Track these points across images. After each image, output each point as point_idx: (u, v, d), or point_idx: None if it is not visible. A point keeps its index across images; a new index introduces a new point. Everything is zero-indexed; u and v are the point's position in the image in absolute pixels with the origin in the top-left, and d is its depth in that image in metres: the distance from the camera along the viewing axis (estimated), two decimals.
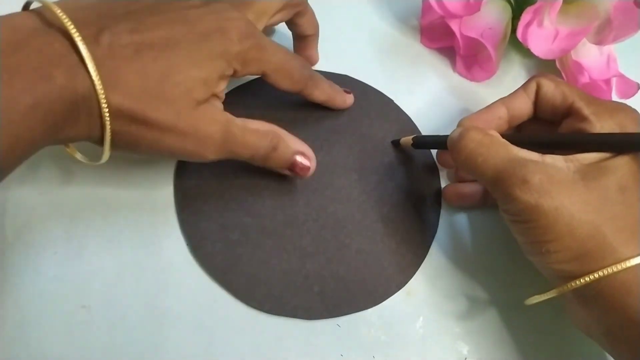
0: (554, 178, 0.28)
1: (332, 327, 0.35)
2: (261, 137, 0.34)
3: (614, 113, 0.31)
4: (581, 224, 0.28)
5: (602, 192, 0.28)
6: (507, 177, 0.29)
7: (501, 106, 0.34)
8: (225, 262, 0.36)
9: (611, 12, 0.38)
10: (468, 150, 0.31)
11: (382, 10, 0.46)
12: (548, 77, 0.34)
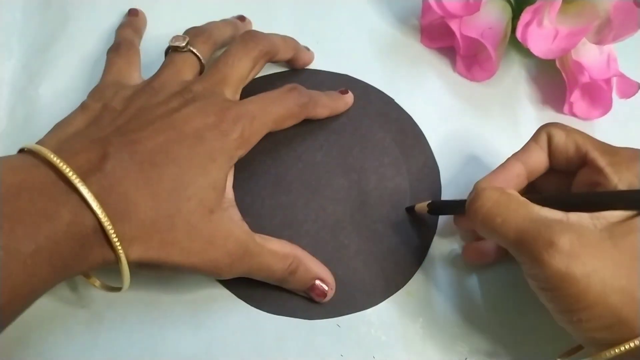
0: (583, 239, 0.26)
1: (332, 327, 0.35)
2: (280, 260, 0.33)
3: (630, 163, 0.29)
4: (614, 291, 0.25)
5: (632, 252, 0.26)
6: (532, 239, 0.27)
7: (517, 162, 0.32)
8: None
9: (611, 11, 0.38)
10: (485, 210, 0.29)
11: (382, 10, 0.46)
12: (558, 125, 0.32)
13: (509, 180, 0.32)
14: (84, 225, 0.26)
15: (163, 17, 0.44)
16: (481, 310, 0.36)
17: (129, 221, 0.27)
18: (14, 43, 0.42)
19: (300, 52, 0.41)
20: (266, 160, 0.39)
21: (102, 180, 0.27)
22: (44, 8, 0.44)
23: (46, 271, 0.25)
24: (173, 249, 0.29)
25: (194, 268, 0.30)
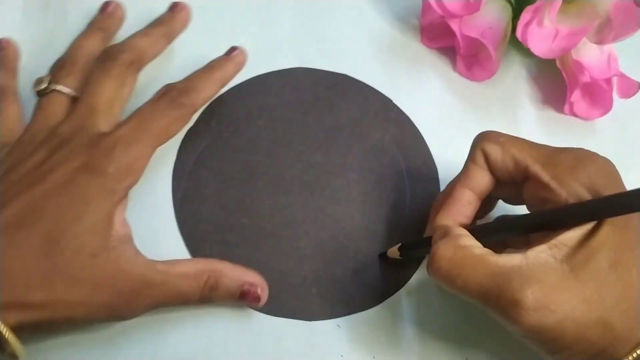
0: (546, 286, 0.25)
1: (332, 327, 0.35)
2: (192, 280, 0.31)
3: (575, 172, 0.28)
4: (588, 327, 0.25)
5: (596, 280, 0.25)
6: (496, 299, 0.26)
7: (464, 190, 0.31)
8: None
9: (611, 11, 0.38)
10: (443, 273, 0.27)
11: (382, 10, 0.46)
12: (492, 139, 0.30)
13: (462, 211, 0.31)
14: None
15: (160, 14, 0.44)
16: (482, 310, 0.36)
17: (8, 299, 0.27)
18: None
19: (172, 33, 0.39)
20: (265, 160, 0.39)
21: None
22: (43, 8, 0.44)
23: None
24: (55, 306, 0.28)
25: (87, 318, 0.29)
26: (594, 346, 0.26)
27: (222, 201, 0.38)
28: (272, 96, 0.41)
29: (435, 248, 0.28)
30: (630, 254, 0.26)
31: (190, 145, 0.39)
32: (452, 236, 0.28)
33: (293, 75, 0.42)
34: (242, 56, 0.38)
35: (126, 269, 0.30)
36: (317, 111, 0.41)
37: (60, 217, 0.29)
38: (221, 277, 0.32)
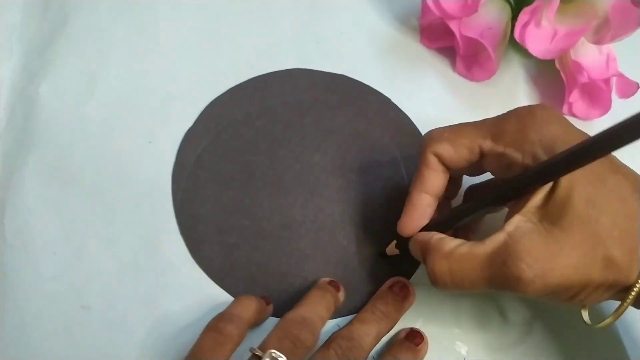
0: (535, 250, 0.26)
1: (332, 327, 0.35)
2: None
3: (522, 133, 0.28)
4: (591, 267, 0.26)
5: (579, 223, 0.26)
6: (501, 283, 0.27)
7: (421, 195, 0.32)
8: (223, 266, 0.36)
9: (609, 11, 0.38)
10: (450, 286, 0.28)
11: (382, 10, 0.46)
12: (438, 138, 0.31)
13: (423, 216, 0.32)
14: None
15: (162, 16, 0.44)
16: (481, 310, 0.36)
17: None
18: (13, 43, 0.43)
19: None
20: (264, 161, 0.39)
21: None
22: (43, 8, 0.44)
23: None
24: None
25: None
26: (603, 282, 0.26)
27: (222, 202, 0.38)
28: (271, 97, 0.41)
29: (430, 268, 0.29)
30: (602, 185, 0.27)
31: (189, 146, 0.39)
32: (435, 249, 0.29)
33: (291, 76, 0.42)
34: (425, 348, 0.35)
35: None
36: (315, 112, 0.41)
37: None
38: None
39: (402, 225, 0.32)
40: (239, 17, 0.44)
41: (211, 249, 0.37)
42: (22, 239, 0.36)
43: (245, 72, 0.42)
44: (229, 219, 0.37)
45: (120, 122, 0.40)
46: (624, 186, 0.27)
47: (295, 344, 0.29)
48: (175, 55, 0.42)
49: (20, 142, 0.39)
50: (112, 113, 0.40)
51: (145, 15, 0.44)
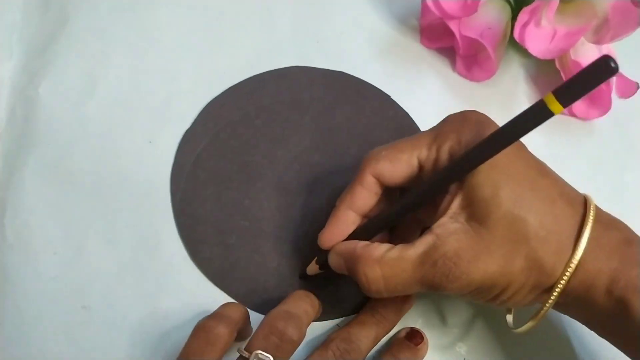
0: (461, 249, 0.27)
1: (332, 327, 0.35)
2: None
3: (459, 133, 0.29)
4: (514, 267, 0.27)
5: (504, 221, 0.27)
6: (431, 283, 0.28)
7: (347, 211, 0.32)
8: (222, 267, 0.36)
9: (609, 11, 0.38)
10: (384, 292, 0.29)
11: (382, 10, 0.46)
12: (377, 158, 0.31)
13: (345, 231, 0.32)
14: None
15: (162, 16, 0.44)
16: (480, 310, 0.36)
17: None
18: (13, 43, 0.43)
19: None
20: (263, 161, 0.39)
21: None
22: (43, 8, 0.44)
23: None
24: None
25: None
26: (525, 282, 0.27)
27: (221, 203, 0.38)
28: (269, 96, 0.41)
29: (362, 275, 0.29)
30: (530, 186, 0.27)
31: (188, 146, 0.39)
32: (364, 256, 0.29)
33: (290, 74, 0.42)
34: (425, 348, 0.35)
35: None
36: (314, 110, 0.41)
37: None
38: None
39: (323, 238, 0.32)
40: (238, 17, 0.44)
41: (210, 249, 0.37)
42: (22, 239, 0.36)
43: (245, 72, 0.42)
44: (228, 219, 0.37)
45: (119, 122, 0.40)
46: (553, 189, 0.28)
47: (282, 339, 0.29)
48: (175, 55, 0.42)
49: (20, 142, 0.39)
50: (112, 113, 0.40)
51: (145, 15, 0.44)
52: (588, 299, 0.27)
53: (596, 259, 0.27)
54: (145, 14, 0.44)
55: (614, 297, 0.26)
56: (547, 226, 0.27)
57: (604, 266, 0.27)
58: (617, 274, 0.26)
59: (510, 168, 0.28)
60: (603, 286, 0.27)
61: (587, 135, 0.42)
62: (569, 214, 0.27)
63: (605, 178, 0.40)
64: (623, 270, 0.26)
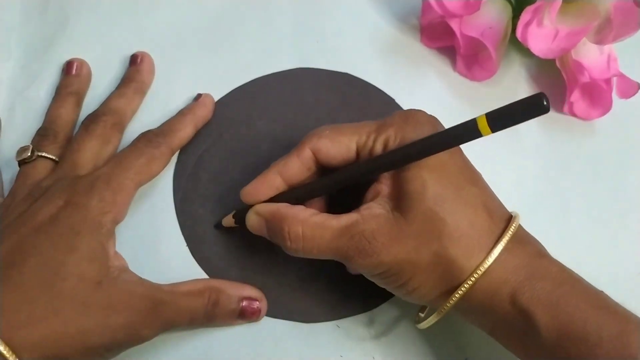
0: (379, 233, 0.28)
1: (332, 327, 0.35)
2: (197, 297, 0.33)
3: (403, 129, 0.30)
4: (423, 258, 0.28)
5: (424, 217, 0.28)
6: (344, 252, 0.29)
7: (275, 175, 0.33)
8: (222, 266, 0.36)
9: (611, 11, 0.38)
10: (301, 249, 0.30)
11: (382, 9, 0.46)
12: (322, 135, 0.32)
13: (267, 194, 0.33)
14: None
15: (162, 17, 0.44)
16: None
17: (8, 327, 0.27)
18: (12, 44, 0.42)
19: (143, 86, 0.41)
20: (266, 162, 0.38)
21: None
22: (42, 10, 0.44)
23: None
24: (69, 333, 0.28)
25: (104, 343, 0.29)
26: (433, 275, 0.29)
27: (222, 203, 0.38)
28: (273, 98, 0.41)
29: (286, 232, 0.30)
30: (456, 191, 0.29)
31: (191, 146, 0.39)
32: (290, 215, 0.30)
33: (294, 76, 0.42)
34: (209, 99, 0.40)
35: (137, 290, 0.30)
36: (318, 112, 0.41)
37: (53, 251, 0.29)
38: (221, 292, 0.33)
39: (245, 192, 0.33)
40: (238, 18, 0.44)
41: (211, 248, 0.37)
42: None
43: (245, 71, 0.42)
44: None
45: None
46: (478, 198, 0.29)
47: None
48: (174, 57, 0.42)
49: (18, 143, 0.38)
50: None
51: (145, 17, 0.44)
52: (492, 307, 0.28)
53: (505, 270, 0.28)
54: (145, 15, 0.44)
55: (518, 307, 0.27)
56: (462, 229, 0.28)
57: (510, 277, 0.28)
58: (522, 286, 0.27)
59: (441, 170, 0.29)
60: (507, 295, 0.28)
61: (588, 135, 0.42)
62: (487, 224, 0.29)
63: (605, 178, 0.40)
64: (529, 283, 0.27)
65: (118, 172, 0.33)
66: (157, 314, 0.31)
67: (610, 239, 0.39)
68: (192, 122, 0.38)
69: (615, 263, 0.38)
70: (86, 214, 0.30)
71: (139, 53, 0.41)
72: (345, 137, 0.31)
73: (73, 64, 0.41)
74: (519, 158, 0.41)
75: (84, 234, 0.30)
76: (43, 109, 0.40)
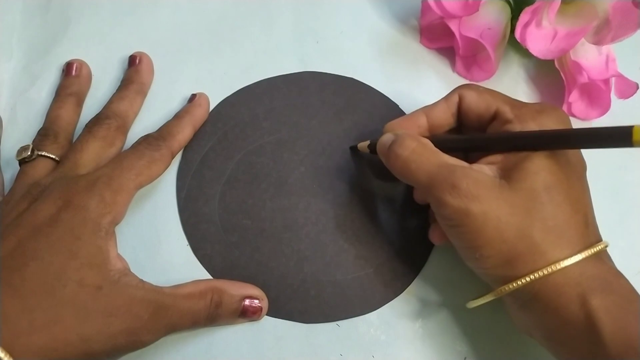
0: (480, 183, 0.29)
1: (332, 326, 0.35)
2: (198, 299, 0.33)
3: (537, 115, 0.31)
4: (509, 227, 0.28)
5: (528, 193, 0.29)
6: (438, 183, 0.30)
7: (422, 115, 0.34)
8: (224, 264, 0.36)
9: (610, 12, 0.38)
10: (403, 158, 0.31)
11: (382, 10, 0.46)
12: (471, 87, 0.34)
13: (410, 129, 0.34)
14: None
15: (163, 18, 0.44)
16: (480, 310, 0.36)
17: (9, 335, 0.27)
18: (13, 44, 0.43)
19: (144, 87, 0.41)
20: (269, 163, 0.39)
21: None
22: (43, 10, 0.44)
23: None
24: (69, 341, 0.28)
25: (106, 349, 0.29)
26: (511, 249, 0.28)
27: (225, 202, 0.38)
28: (279, 99, 0.41)
29: (402, 138, 0.32)
30: (567, 187, 0.29)
31: (196, 145, 0.39)
32: (414, 135, 0.32)
33: (300, 79, 0.42)
34: (204, 99, 0.40)
35: (137, 295, 0.30)
36: (323, 115, 0.41)
37: (54, 255, 0.29)
38: (223, 293, 0.33)
39: (390, 124, 0.35)
40: (238, 19, 0.44)
41: (212, 247, 0.37)
42: None
43: (245, 72, 0.42)
44: (231, 218, 0.37)
45: None
46: (582, 204, 0.30)
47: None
48: (175, 58, 0.42)
49: (19, 144, 0.38)
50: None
51: (147, 18, 0.44)
52: (558, 306, 0.28)
53: (580, 274, 0.28)
54: (146, 16, 0.44)
55: (585, 311, 0.27)
56: (557, 221, 0.28)
57: (584, 281, 0.27)
58: (594, 292, 0.27)
59: (563, 165, 0.30)
60: (577, 297, 0.27)
61: None
62: (582, 229, 0.29)
63: (605, 178, 0.40)
64: (601, 292, 0.27)
65: (119, 172, 0.32)
66: (159, 319, 0.31)
67: (609, 239, 0.39)
68: (190, 123, 0.38)
69: (615, 263, 0.38)
70: (85, 216, 0.30)
71: (137, 54, 0.41)
72: (490, 98, 0.33)
73: (73, 65, 0.41)
74: None
75: (84, 238, 0.30)
76: (44, 110, 0.40)
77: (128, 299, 0.30)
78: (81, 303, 0.28)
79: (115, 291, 0.30)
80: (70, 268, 0.29)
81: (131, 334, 0.30)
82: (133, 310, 0.30)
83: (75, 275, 0.29)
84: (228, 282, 0.35)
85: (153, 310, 0.30)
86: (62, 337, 0.28)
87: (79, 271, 0.29)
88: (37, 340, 0.27)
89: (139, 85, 0.40)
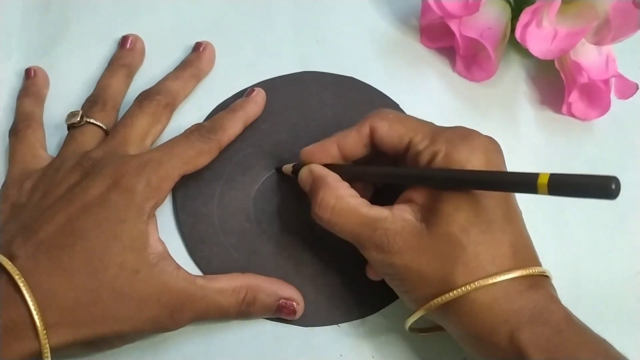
0: (400, 236, 0.29)
1: (332, 327, 0.35)
2: (230, 296, 0.33)
3: (450, 147, 0.30)
4: (432, 275, 0.29)
5: (446, 238, 0.29)
6: (362, 242, 0.31)
7: (333, 144, 0.34)
8: (221, 266, 0.36)
9: (610, 12, 0.38)
10: (326, 220, 0.32)
11: (382, 10, 0.46)
12: (383, 116, 0.33)
13: (324, 157, 0.34)
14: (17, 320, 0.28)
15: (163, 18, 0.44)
16: None
17: (49, 309, 0.28)
18: (13, 44, 0.43)
19: (200, 74, 0.41)
20: (267, 165, 0.39)
21: (26, 265, 0.29)
22: (43, 11, 0.44)
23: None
24: (104, 321, 0.30)
25: (135, 331, 0.31)
26: (436, 292, 0.29)
27: (224, 203, 0.38)
28: (278, 101, 0.41)
29: (320, 198, 0.32)
30: (486, 225, 0.29)
31: None
32: (332, 186, 0.32)
33: (299, 80, 0.42)
34: (260, 96, 0.40)
35: (169, 283, 0.31)
36: (322, 116, 0.40)
37: (99, 236, 0.30)
38: (258, 292, 0.34)
39: (305, 151, 0.35)
40: (238, 19, 0.44)
41: (210, 249, 0.37)
42: None
43: (245, 72, 0.42)
44: (229, 220, 0.37)
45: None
46: (507, 235, 0.29)
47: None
48: (175, 58, 0.42)
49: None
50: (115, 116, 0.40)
51: (147, 18, 0.44)
52: (490, 341, 0.28)
53: (509, 309, 0.27)
54: (146, 17, 0.44)
55: (515, 347, 0.27)
56: (480, 261, 0.28)
57: (512, 317, 0.27)
58: (523, 327, 0.27)
59: (479, 200, 0.29)
60: (506, 334, 0.27)
61: (587, 135, 0.42)
62: (508, 263, 0.28)
63: None
64: (530, 325, 0.27)
65: (168, 159, 0.33)
66: (185, 309, 0.31)
67: (608, 239, 0.39)
68: (243, 119, 0.38)
69: (614, 263, 0.38)
70: (132, 199, 0.31)
71: (203, 42, 0.42)
72: (403, 128, 0.32)
73: (128, 38, 0.42)
74: (517, 158, 0.41)
75: (129, 221, 0.31)
76: (45, 111, 0.40)
77: (160, 286, 0.31)
78: (119, 287, 0.30)
79: (150, 276, 0.31)
80: (113, 250, 0.30)
81: (157, 322, 0.31)
82: (162, 300, 0.31)
83: (117, 259, 0.30)
84: (266, 279, 0.35)
85: (181, 302, 0.31)
86: (99, 318, 0.29)
87: (120, 254, 0.30)
88: (79, 318, 0.29)
89: (197, 70, 0.41)
